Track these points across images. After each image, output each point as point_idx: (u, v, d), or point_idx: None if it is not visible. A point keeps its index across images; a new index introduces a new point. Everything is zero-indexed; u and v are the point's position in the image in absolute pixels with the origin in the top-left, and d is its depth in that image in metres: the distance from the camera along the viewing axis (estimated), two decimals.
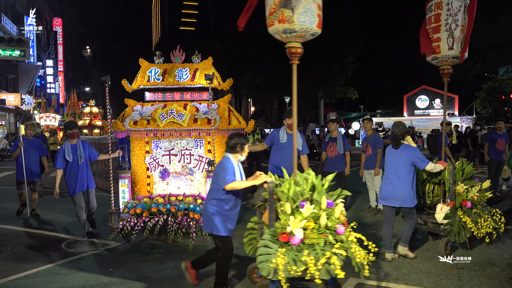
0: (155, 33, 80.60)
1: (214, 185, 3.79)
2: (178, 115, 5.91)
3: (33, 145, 7.55)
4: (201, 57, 6.49)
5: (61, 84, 43.07)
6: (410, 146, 4.85)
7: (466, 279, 4.27)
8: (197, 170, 6.21)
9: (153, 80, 6.21)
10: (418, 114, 32.62)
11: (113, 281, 4.38)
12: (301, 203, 3.45)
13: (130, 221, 5.46)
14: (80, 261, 5.04)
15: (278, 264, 3.19)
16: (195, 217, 5.46)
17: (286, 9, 3.53)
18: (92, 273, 4.61)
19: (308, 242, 3.32)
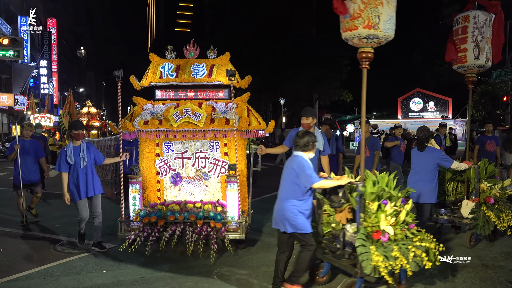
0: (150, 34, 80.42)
1: (292, 185, 3.76)
2: (194, 115, 5.33)
3: (30, 147, 7.03)
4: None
5: (55, 84, 42.64)
6: (434, 148, 5.27)
7: (459, 281, 4.28)
8: (212, 174, 5.61)
9: (166, 76, 5.61)
10: (412, 117, 32.68)
11: (107, 283, 4.32)
12: (384, 201, 3.72)
13: (144, 231, 4.89)
14: (73, 263, 4.95)
15: (378, 261, 3.43)
16: (216, 226, 4.92)
17: (372, 15, 3.69)
18: (85, 275, 4.55)
19: (392, 238, 3.61)
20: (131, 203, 5.27)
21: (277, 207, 3.88)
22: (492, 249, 5.34)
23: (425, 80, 36.39)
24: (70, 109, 18.16)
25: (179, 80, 5.60)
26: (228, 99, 5.73)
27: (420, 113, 32.94)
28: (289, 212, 3.75)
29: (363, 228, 3.65)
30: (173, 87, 5.79)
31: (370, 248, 3.52)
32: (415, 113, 33.08)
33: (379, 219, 3.65)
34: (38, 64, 37.06)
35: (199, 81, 5.64)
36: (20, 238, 6.09)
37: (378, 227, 3.65)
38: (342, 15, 3.86)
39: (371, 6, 3.69)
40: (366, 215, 3.71)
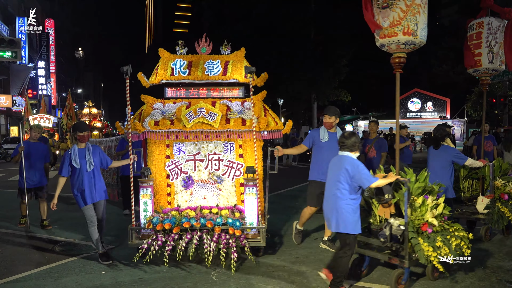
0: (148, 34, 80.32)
1: (346, 185, 3.83)
2: (209, 115, 4.95)
3: (38, 150, 6.67)
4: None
5: (53, 85, 42.51)
6: (449, 147, 5.56)
7: (458, 281, 4.26)
8: (226, 177, 5.24)
9: (178, 73, 5.21)
10: (410, 117, 32.64)
11: (106, 284, 4.27)
12: (425, 196, 4.14)
13: (157, 239, 4.48)
14: (72, 264, 4.89)
15: (429, 251, 3.83)
16: (235, 234, 4.54)
17: (411, 23, 4.03)
18: (84, 276, 4.50)
19: (435, 229, 4.03)
20: (142, 208, 4.84)
21: (329, 207, 3.94)
22: (490, 249, 5.31)
23: (423, 80, 36.44)
24: (70, 111, 17.95)
25: (191, 77, 5.22)
26: (243, 97, 5.38)
27: (418, 113, 32.93)
28: (345, 210, 3.82)
29: (411, 222, 3.98)
30: (184, 85, 5.41)
31: (419, 240, 3.88)
32: (413, 113, 33.06)
33: (424, 212, 4.04)
34: (36, 65, 36.96)
35: (214, 79, 5.26)
36: (18, 239, 6.00)
37: (423, 219, 4.03)
38: (378, 23, 4.18)
39: (410, 14, 4.02)
40: (411, 209, 4.05)
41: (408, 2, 4.02)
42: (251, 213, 4.87)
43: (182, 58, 5.34)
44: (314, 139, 5.33)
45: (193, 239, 4.48)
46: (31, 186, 6.59)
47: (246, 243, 4.56)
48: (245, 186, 4.87)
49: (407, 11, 4.02)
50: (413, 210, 4.07)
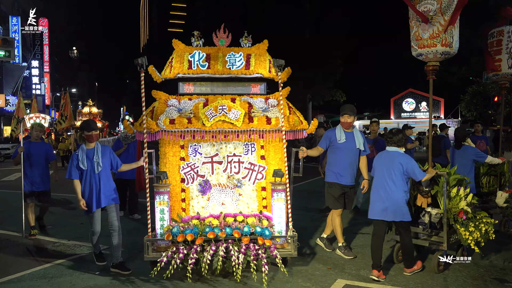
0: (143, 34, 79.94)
1: (400, 179, 4.22)
2: (231, 113, 4.43)
3: (40, 150, 6.14)
4: None
5: (46, 85, 42.04)
6: (470, 146, 6.02)
7: (451, 280, 4.26)
8: (247, 181, 4.75)
9: (197, 67, 4.66)
10: (404, 117, 32.71)
11: (100, 284, 4.18)
12: (458, 187, 4.55)
13: (179, 252, 3.96)
14: (66, 265, 4.76)
15: (466, 235, 4.32)
16: (265, 244, 4.03)
17: (448, 35, 4.56)
18: (78, 277, 4.40)
19: (468, 216, 4.51)
20: (158, 217, 4.28)
21: (385, 198, 4.24)
22: (482, 248, 5.29)
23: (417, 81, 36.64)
24: (66, 110, 17.30)
25: (211, 71, 4.68)
26: (265, 94, 4.89)
27: (412, 113, 33.04)
28: (400, 201, 4.22)
29: (449, 210, 4.46)
30: (203, 80, 4.85)
31: (457, 226, 4.39)
32: (408, 113, 33.17)
33: (458, 201, 4.50)
34: (30, 65, 36.55)
35: (236, 73, 4.72)
36: (12, 239, 5.83)
37: (458, 207, 4.48)
38: (415, 36, 4.77)
39: (448, 28, 4.53)
40: (448, 198, 4.49)
41: (446, 17, 4.52)
42: (279, 220, 4.39)
43: (201, 50, 4.77)
44: (331, 140, 5.04)
45: (219, 250, 3.96)
46: (34, 189, 6.08)
47: (277, 254, 4.08)
48: (273, 191, 4.41)
49: (445, 25, 4.52)
50: (450, 199, 4.51)
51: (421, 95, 32.48)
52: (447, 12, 4.54)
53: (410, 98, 33.13)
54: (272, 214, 4.45)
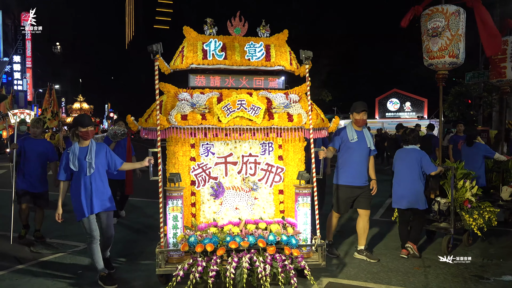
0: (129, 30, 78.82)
1: (418, 171, 4.91)
2: (251, 108, 3.96)
3: (39, 148, 5.55)
4: None
5: (29, 80, 41.07)
6: (480, 144, 6.55)
7: (432, 277, 4.32)
8: (263, 184, 4.30)
9: (213, 57, 4.14)
10: (389, 117, 33.04)
11: (82, 283, 4.11)
12: (464, 180, 5.18)
13: (198, 264, 3.48)
14: (48, 264, 4.67)
15: (470, 221, 5.00)
16: (293, 254, 3.61)
17: (455, 48, 5.35)
18: (60, 276, 4.30)
19: (472, 205, 5.14)
20: (170, 225, 3.74)
21: (407, 190, 4.94)
22: (463, 246, 5.45)
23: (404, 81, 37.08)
24: (55, 107, 16.52)
25: (228, 62, 4.19)
26: (283, 89, 4.47)
27: (396, 113, 33.36)
28: (420, 193, 4.92)
29: (456, 199, 5.09)
30: (220, 72, 4.36)
31: (463, 213, 5.02)
32: (392, 113, 33.48)
33: (464, 192, 5.15)
34: (11, 60, 35.66)
35: (255, 65, 4.23)
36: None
37: (464, 197, 5.11)
38: (426, 49, 5.56)
39: (454, 42, 5.34)
40: (455, 189, 5.11)
41: (453, 32, 5.34)
42: (305, 227, 3.97)
43: (217, 39, 4.27)
44: (343, 139, 4.83)
45: (243, 262, 3.49)
46: (30, 190, 5.50)
47: (306, 265, 3.66)
48: (298, 195, 4.00)
49: (452, 39, 5.34)
50: (456, 190, 5.14)
51: (405, 95, 32.83)
52: (454, 27, 5.31)
53: (394, 98, 33.44)
54: (297, 221, 4.01)
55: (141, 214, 7.44)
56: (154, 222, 6.60)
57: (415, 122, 21.51)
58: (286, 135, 4.17)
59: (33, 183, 5.48)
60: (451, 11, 5.39)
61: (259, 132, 4.07)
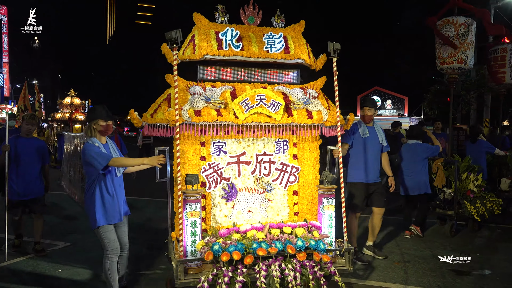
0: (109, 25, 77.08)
1: (422, 162, 5.74)
2: (271, 104, 3.64)
3: (32, 148, 4.83)
4: None
5: (5, 76, 39.85)
6: (483, 140, 7.10)
7: (411, 272, 4.41)
8: (277, 184, 4.02)
9: (229, 47, 3.74)
10: None
11: (61, 284, 4.02)
12: (469, 172, 5.86)
13: (224, 275, 3.13)
14: (25, 263, 4.49)
15: (471, 209, 5.63)
16: (323, 259, 3.34)
17: (463, 55, 6.07)
18: (38, 275, 4.17)
19: (475, 195, 5.78)
20: (188, 231, 3.33)
21: (415, 180, 5.71)
22: (442, 241, 5.65)
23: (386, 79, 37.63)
24: (27, 102, 15.94)
25: (246, 54, 3.79)
26: (298, 83, 4.17)
27: (378, 111, 34.01)
28: (425, 180, 5.71)
29: (459, 190, 5.76)
30: (235, 64, 3.97)
31: (464, 202, 5.63)
32: None
33: (468, 183, 5.77)
34: None
35: (274, 58, 3.87)
36: None
37: (467, 188, 5.75)
38: (438, 55, 6.30)
39: (462, 49, 6.05)
40: (459, 181, 5.77)
41: (461, 41, 6.04)
42: (330, 230, 3.71)
43: (233, 27, 3.87)
44: (355, 135, 4.72)
45: (272, 270, 3.18)
46: (22, 198, 4.79)
47: (336, 271, 3.41)
48: (322, 197, 3.73)
49: (460, 47, 6.04)
50: (460, 181, 5.80)
51: (386, 93, 33.26)
52: (463, 37, 6.00)
53: (375, 96, 33.69)
54: (322, 224, 3.74)
55: (138, 215, 6.96)
56: (152, 224, 6.37)
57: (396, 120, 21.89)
58: (306, 133, 3.88)
59: (28, 188, 4.78)
60: (460, 22, 6.10)
61: (277, 129, 3.75)
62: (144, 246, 5.30)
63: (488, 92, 21.26)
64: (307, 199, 4.11)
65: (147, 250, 5.14)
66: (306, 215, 4.10)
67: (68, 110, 15.87)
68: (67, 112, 15.57)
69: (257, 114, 3.65)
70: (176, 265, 3.29)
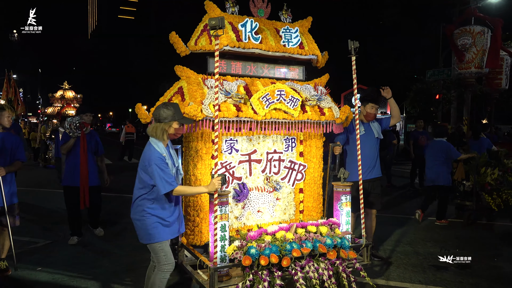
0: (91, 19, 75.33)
1: (443, 158, 6.26)
2: (290, 100, 3.50)
3: (7, 144, 3.93)
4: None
5: None
6: (484, 138, 7.53)
7: (393, 268, 4.42)
8: (286, 183, 3.91)
9: (248, 39, 3.57)
10: (354, 112, 33.95)
11: (42, 281, 3.92)
12: (486, 167, 6.33)
13: (263, 280, 2.97)
14: (7, 260, 4.20)
15: (489, 199, 6.25)
16: (350, 256, 3.29)
17: (479, 61, 7.14)
18: (18, 273, 4.04)
19: (492, 188, 6.31)
20: (218, 236, 3.08)
21: (434, 172, 6.31)
22: (423, 237, 5.68)
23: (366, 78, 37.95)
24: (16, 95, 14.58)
25: (264, 47, 3.63)
26: (303, 80, 4.09)
27: None
28: (444, 173, 6.24)
29: (478, 182, 6.28)
30: (252, 58, 3.82)
31: (483, 193, 6.20)
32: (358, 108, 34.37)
33: (485, 177, 6.32)
34: None
35: (290, 52, 3.74)
36: None
37: (485, 181, 6.29)
38: (457, 61, 7.54)
39: (479, 55, 7.10)
40: (477, 174, 6.27)
41: (478, 48, 7.16)
42: (347, 227, 3.67)
43: (253, 19, 3.70)
44: (350, 132, 4.57)
45: (310, 271, 3.09)
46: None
47: (362, 267, 3.38)
48: (341, 194, 3.66)
49: (477, 54, 7.08)
50: (478, 175, 6.30)
51: None
52: (479, 44, 6.95)
53: (358, 94, 34.22)
54: (340, 220, 3.67)
55: None
56: None
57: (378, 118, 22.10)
58: (318, 130, 3.78)
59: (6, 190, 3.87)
60: (477, 31, 6.95)
61: (294, 126, 3.62)
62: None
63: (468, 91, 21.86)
64: (312, 196, 4.03)
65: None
66: (312, 213, 4.03)
67: (59, 104, 14.30)
68: (57, 107, 14.12)
69: (275, 110, 3.51)
70: (211, 273, 3.00)
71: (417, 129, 9.84)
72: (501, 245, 5.38)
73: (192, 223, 3.50)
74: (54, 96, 14.98)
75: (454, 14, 22.92)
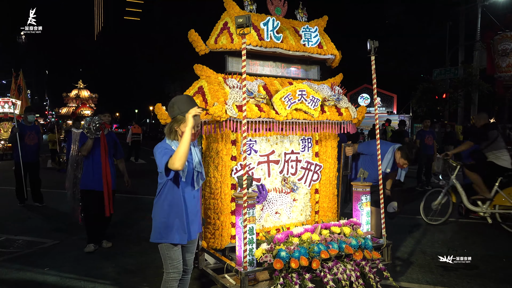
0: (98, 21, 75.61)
1: None
2: (311, 100, 3.48)
3: None
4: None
5: None
6: None
7: (400, 268, 4.33)
8: (302, 183, 3.88)
9: (270, 38, 3.54)
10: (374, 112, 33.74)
11: (50, 281, 3.89)
12: None
13: (295, 283, 2.92)
14: (13, 261, 4.38)
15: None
16: (374, 256, 3.28)
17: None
18: (25, 274, 4.05)
19: None
20: (247, 238, 2.98)
21: None
22: (430, 237, 5.57)
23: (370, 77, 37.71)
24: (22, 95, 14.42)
25: (285, 46, 3.59)
26: (318, 80, 4.07)
27: (367, 108, 34.08)
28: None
29: None
30: (273, 57, 3.80)
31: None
32: None
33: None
34: None
35: (310, 52, 3.72)
36: None
37: None
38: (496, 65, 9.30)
39: None
40: None
41: None
42: (368, 227, 3.64)
43: (274, 17, 3.68)
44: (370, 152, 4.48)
45: (338, 273, 3.07)
46: None
47: (385, 267, 3.37)
48: (361, 194, 3.62)
49: None
50: None
51: None
52: None
53: (365, 94, 33.85)
54: (360, 220, 3.65)
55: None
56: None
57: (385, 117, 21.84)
58: (335, 130, 3.78)
59: None
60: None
61: (314, 126, 3.62)
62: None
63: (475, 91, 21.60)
64: (328, 196, 4.02)
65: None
66: (327, 213, 4.01)
67: (74, 104, 14.04)
68: (72, 107, 13.91)
69: (296, 111, 3.50)
70: (242, 278, 2.91)
71: (424, 128, 9.75)
72: (510, 246, 5.29)
73: (213, 226, 3.44)
74: (69, 95, 14.47)
75: (460, 13, 22.75)
